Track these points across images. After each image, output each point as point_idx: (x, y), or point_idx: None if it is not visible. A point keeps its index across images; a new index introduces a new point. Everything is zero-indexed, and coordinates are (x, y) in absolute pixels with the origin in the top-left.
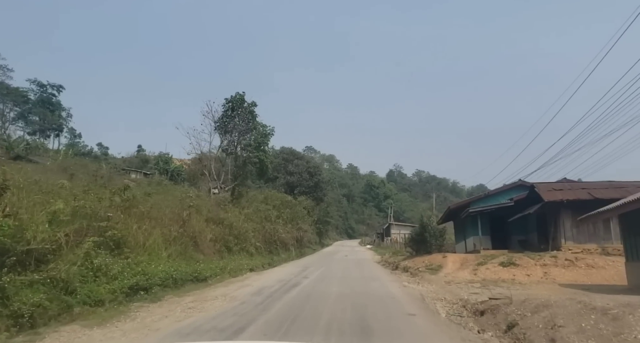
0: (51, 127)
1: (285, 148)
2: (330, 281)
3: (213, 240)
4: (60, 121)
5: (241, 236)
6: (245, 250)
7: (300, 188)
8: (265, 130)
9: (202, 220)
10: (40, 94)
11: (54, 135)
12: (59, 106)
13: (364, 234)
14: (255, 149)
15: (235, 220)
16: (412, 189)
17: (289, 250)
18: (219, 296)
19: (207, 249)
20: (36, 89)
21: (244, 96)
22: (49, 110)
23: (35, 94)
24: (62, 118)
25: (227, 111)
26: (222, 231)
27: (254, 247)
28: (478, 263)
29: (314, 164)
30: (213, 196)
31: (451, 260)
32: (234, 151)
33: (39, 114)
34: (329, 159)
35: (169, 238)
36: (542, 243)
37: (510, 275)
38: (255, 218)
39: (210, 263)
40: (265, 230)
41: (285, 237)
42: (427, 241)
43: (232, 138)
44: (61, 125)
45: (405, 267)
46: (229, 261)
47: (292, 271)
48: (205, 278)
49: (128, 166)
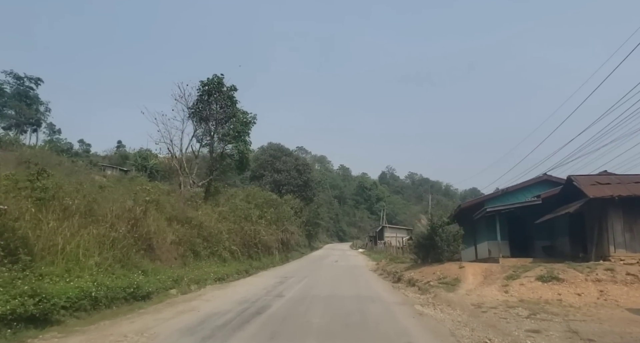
0: (28, 122)
1: (272, 143)
2: (312, 304)
3: (176, 242)
4: (38, 115)
5: (212, 239)
6: (216, 254)
7: (288, 187)
8: (246, 118)
9: (163, 218)
10: (17, 87)
11: (31, 130)
12: (37, 100)
13: (355, 237)
14: (234, 139)
15: (207, 219)
16: (405, 192)
17: (272, 254)
18: (129, 335)
19: (166, 254)
20: (12, 82)
21: (222, 78)
22: (26, 104)
23: (12, 87)
24: (40, 112)
25: (203, 96)
26: (188, 232)
27: (229, 251)
28: (507, 276)
29: (303, 161)
30: (183, 192)
31: (470, 272)
32: (210, 141)
33: (14, 107)
34: (321, 160)
35: (106, 240)
36: (576, 251)
37: (554, 293)
38: (232, 217)
39: (164, 272)
40: (244, 231)
41: (268, 240)
42: (437, 247)
43: (208, 126)
44: (39, 120)
45: (411, 280)
46: (192, 269)
47: (266, 284)
48: (147, 294)
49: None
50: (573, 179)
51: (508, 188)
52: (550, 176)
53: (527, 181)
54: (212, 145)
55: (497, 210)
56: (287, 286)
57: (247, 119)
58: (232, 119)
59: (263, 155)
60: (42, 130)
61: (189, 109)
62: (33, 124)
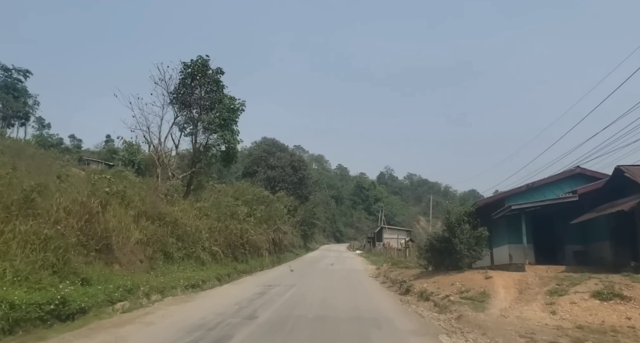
0: (16, 116)
1: (266, 138)
2: (292, 333)
3: (143, 242)
4: (26, 109)
5: (189, 238)
6: (193, 256)
7: (282, 184)
8: (233, 104)
9: (129, 213)
10: (5, 79)
11: (19, 124)
12: (25, 93)
13: (352, 238)
14: (220, 127)
15: (184, 215)
16: (403, 193)
17: (262, 256)
18: None
19: (129, 256)
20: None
21: (207, 60)
22: (13, 96)
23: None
24: (29, 106)
25: (186, 80)
26: (159, 230)
27: (209, 252)
28: (550, 291)
29: (298, 158)
30: (160, 185)
31: (500, 284)
32: (193, 130)
33: (1, 100)
34: (318, 159)
35: (36, 239)
36: (622, 258)
37: (621, 317)
38: (216, 214)
39: (118, 279)
40: (229, 230)
41: (257, 240)
42: (455, 252)
43: (191, 113)
44: (27, 113)
45: (424, 292)
46: (159, 274)
47: (242, 296)
48: (77, 311)
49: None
50: (624, 170)
51: (534, 183)
52: (584, 169)
53: (556, 176)
54: (196, 134)
55: (524, 208)
56: (266, 300)
57: (235, 106)
58: (217, 106)
59: (256, 151)
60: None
61: (170, 93)
62: (21, 117)
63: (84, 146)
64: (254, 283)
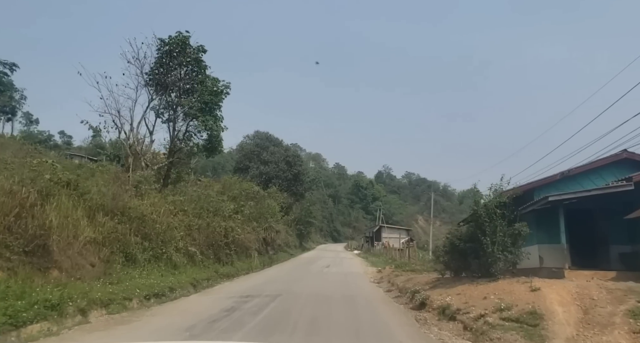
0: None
1: (259, 132)
2: None
3: (97, 242)
4: (12, 103)
5: (158, 237)
6: (163, 258)
7: (276, 181)
8: (216, 86)
9: (81, 206)
10: None
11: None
12: (11, 87)
13: (350, 237)
14: (201, 112)
15: (154, 211)
16: (402, 192)
17: (251, 257)
18: None
19: (77, 258)
20: None
21: (188, 37)
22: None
23: None
24: (15, 100)
25: (163, 59)
26: (119, 227)
27: (184, 254)
28: (632, 311)
29: (293, 153)
30: (131, 175)
31: (555, 299)
32: (172, 116)
33: None
34: (315, 157)
35: None
36: None
37: None
38: (196, 210)
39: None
40: (211, 228)
41: (244, 239)
42: (485, 254)
43: (170, 97)
44: (14, 108)
45: (446, 308)
46: (114, 280)
47: (203, 316)
48: None
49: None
50: None
51: (569, 170)
52: (633, 153)
53: (596, 162)
54: (175, 120)
55: (563, 200)
56: (233, 322)
57: (219, 88)
58: (199, 87)
59: (248, 145)
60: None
61: (146, 74)
62: (7, 112)
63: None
64: (232, 291)
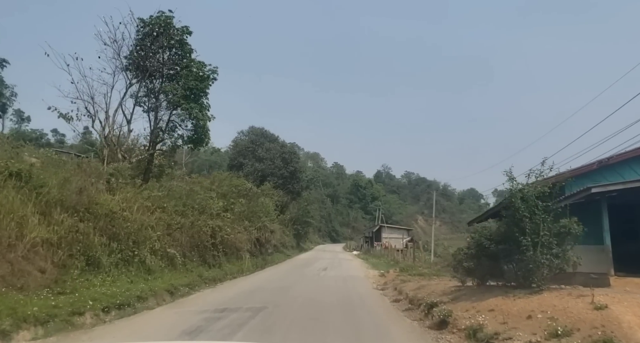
0: None
1: (254, 127)
2: None
3: (53, 243)
4: (2, 100)
5: (129, 237)
6: (135, 261)
7: (272, 178)
8: (202, 71)
9: (32, 201)
10: None
11: None
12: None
13: (349, 238)
14: (185, 99)
15: (125, 207)
16: (401, 192)
17: (242, 259)
18: None
19: (20, 263)
20: None
21: (171, 18)
22: None
23: None
24: (5, 97)
25: (145, 40)
26: (81, 226)
27: (163, 256)
28: None
29: (290, 149)
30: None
31: (636, 323)
32: (154, 104)
33: None
34: (314, 157)
35: None
36: None
37: None
38: (179, 207)
39: None
40: (196, 227)
41: (234, 239)
42: (524, 257)
43: (152, 84)
44: (4, 105)
45: (477, 330)
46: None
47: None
48: None
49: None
50: None
51: (609, 159)
52: None
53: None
54: (156, 110)
55: (610, 191)
56: None
57: (205, 74)
58: (183, 72)
59: (242, 141)
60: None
61: (125, 58)
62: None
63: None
64: (208, 302)
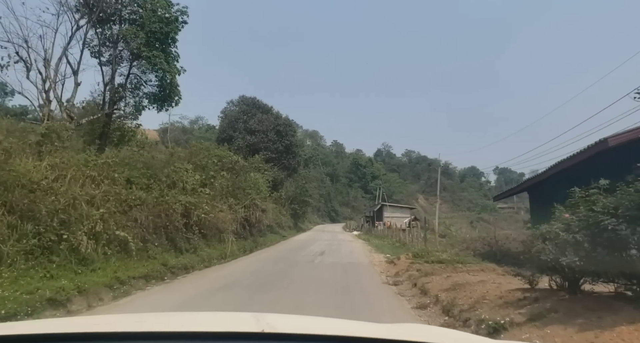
0: None
1: (245, 97)
2: None
3: None
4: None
5: (55, 216)
6: (61, 248)
7: (265, 153)
8: (169, 13)
9: None
10: None
11: None
12: None
13: (348, 217)
14: (148, 46)
15: (57, 176)
16: (402, 170)
17: (224, 241)
18: None
19: None
20: None
21: None
22: None
23: None
24: None
25: None
26: None
27: (107, 240)
28: None
29: (285, 121)
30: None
31: None
32: (112, 56)
33: None
34: (312, 135)
35: None
36: None
37: None
38: (138, 178)
39: None
40: (164, 204)
41: (215, 219)
42: None
43: (110, 31)
44: None
45: None
46: None
47: None
48: None
49: None
50: None
51: None
52: None
53: None
54: (115, 59)
55: None
56: None
57: (172, 15)
58: (145, 13)
59: (233, 112)
60: None
61: None
62: None
63: None
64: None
